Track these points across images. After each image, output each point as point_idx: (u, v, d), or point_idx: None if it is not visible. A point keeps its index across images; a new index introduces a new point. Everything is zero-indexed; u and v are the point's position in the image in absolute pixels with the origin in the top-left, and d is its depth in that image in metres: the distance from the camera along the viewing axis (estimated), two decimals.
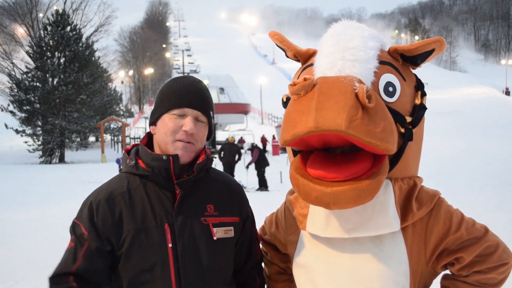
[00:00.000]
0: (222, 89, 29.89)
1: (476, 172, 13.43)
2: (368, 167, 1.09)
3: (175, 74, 77.25)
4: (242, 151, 27.77)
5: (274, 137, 30.65)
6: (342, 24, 1.27)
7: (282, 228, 1.47)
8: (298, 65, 1.45)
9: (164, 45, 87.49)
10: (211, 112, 1.42)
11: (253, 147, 13.53)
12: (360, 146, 1.07)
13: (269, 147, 28.94)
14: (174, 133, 1.33)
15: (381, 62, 1.21)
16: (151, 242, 1.30)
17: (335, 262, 1.23)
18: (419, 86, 1.28)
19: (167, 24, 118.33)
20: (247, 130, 31.51)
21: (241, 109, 30.69)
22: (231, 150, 13.11)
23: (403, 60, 1.26)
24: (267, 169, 13.10)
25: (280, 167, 17.88)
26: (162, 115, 1.36)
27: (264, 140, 29.07)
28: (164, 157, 1.31)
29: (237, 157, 13.37)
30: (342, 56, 1.17)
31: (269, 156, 22.26)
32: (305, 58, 1.38)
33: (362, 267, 1.19)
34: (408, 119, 1.19)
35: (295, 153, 1.29)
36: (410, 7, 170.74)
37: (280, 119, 37.76)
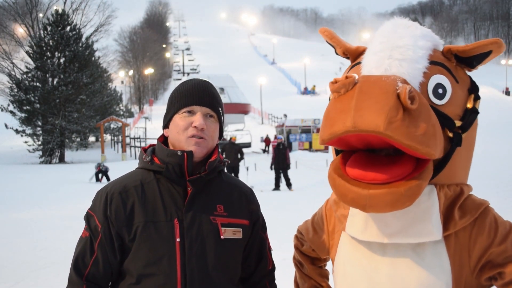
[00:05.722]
0: (222, 89, 29.86)
1: (475, 172, 13.41)
2: (409, 171, 1.04)
3: (175, 74, 77.28)
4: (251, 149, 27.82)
5: (275, 137, 30.62)
6: (393, 22, 1.23)
7: (324, 231, 1.42)
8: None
9: (164, 45, 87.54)
10: (220, 108, 1.46)
11: (283, 146, 13.18)
12: (400, 149, 1.03)
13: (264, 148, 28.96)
14: (186, 130, 1.38)
15: (432, 63, 1.16)
16: (160, 235, 1.33)
17: (375, 268, 1.19)
18: (473, 89, 1.22)
19: (167, 24, 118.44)
20: (245, 130, 31.49)
21: (241, 109, 30.68)
22: (233, 150, 12.90)
23: (458, 61, 1.20)
24: (268, 169, 13.04)
25: None
26: (173, 117, 1.42)
27: (267, 141, 29.03)
28: (179, 153, 1.36)
29: (239, 156, 13.25)
30: (390, 54, 1.13)
31: (269, 156, 22.26)
32: (355, 56, 1.33)
33: (402, 275, 1.15)
34: (458, 123, 1.14)
35: (337, 152, 1.25)
36: (410, 7, 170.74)
37: (280, 119, 37.76)
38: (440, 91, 1.13)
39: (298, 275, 1.57)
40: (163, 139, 1.49)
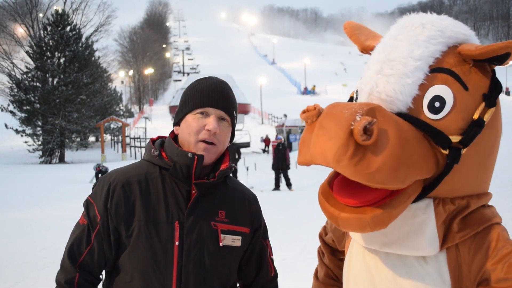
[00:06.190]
0: None
1: None
2: (383, 195, 1.03)
3: (175, 75, 77.32)
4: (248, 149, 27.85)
5: (276, 137, 30.53)
6: (401, 23, 1.16)
7: None
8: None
9: (164, 45, 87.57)
10: (234, 112, 1.42)
11: (283, 146, 13.15)
12: None
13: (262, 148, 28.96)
14: (198, 132, 1.34)
15: (435, 70, 1.07)
16: (159, 237, 1.31)
17: (377, 268, 1.20)
18: (489, 94, 1.09)
19: (167, 24, 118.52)
20: (244, 130, 31.47)
21: (241, 109, 30.70)
22: (230, 150, 12.88)
23: (476, 60, 1.08)
24: (268, 169, 13.04)
25: None
26: (186, 116, 1.38)
27: (267, 141, 29.01)
28: (189, 155, 1.32)
29: (236, 156, 13.26)
30: (380, 68, 1.09)
31: (269, 156, 22.25)
32: None
33: (400, 279, 1.14)
34: (457, 138, 1.05)
35: None
36: (410, 7, 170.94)
37: (280, 119, 37.75)
38: (437, 104, 1.06)
39: (318, 263, 1.58)
40: (174, 135, 1.45)
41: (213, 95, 1.37)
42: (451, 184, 1.09)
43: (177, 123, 1.43)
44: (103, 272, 1.41)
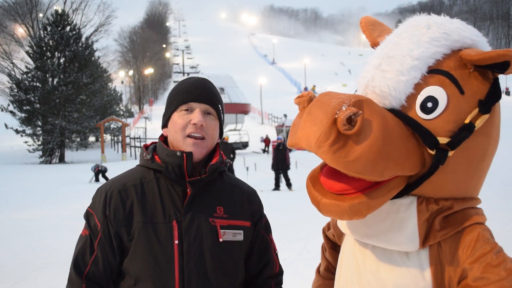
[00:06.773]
0: (222, 89, 29.87)
1: None
2: (364, 186, 1.05)
3: (175, 76, 77.30)
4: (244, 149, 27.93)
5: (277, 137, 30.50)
6: (410, 22, 1.18)
7: None
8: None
9: (164, 45, 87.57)
10: (219, 105, 1.43)
11: (284, 147, 13.09)
12: None
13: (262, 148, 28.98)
14: (184, 128, 1.36)
15: (433, 71, 1.09)
16: (158, 237, 1.31)
17: (363, 262, 1.23)
18: (486, 101, 1.09)
19: (167, 24, 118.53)
20: (243, 130, 31.47)
21: (241, 109, 30.69)
22: (226, 149, 12.86)
23: (478, 66, 1.09)
24: (268, 169, 13.05)
25: None
26: (172, 115, 1.40)
27: (267, 141, 29.04)
28: (178, 153, 1.34)
29: (231, 155, 13.29)
30: (379, 64, 1.12)
31: (269, 156, 22.26)
32: None
33: (382, 274, 1.17)
34: (444, 140, 1.06)
35: None
36: (410, 7, 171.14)
37: (280, 119, 37.76)
38: (430, 104, 1.07)
39: (321, 257, 1.61)
40: (164, 138, 1.47)
41: (196, 91, 1.39)
42: (436, 185, 1.11)
43: (164, 124, 1.45)
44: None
